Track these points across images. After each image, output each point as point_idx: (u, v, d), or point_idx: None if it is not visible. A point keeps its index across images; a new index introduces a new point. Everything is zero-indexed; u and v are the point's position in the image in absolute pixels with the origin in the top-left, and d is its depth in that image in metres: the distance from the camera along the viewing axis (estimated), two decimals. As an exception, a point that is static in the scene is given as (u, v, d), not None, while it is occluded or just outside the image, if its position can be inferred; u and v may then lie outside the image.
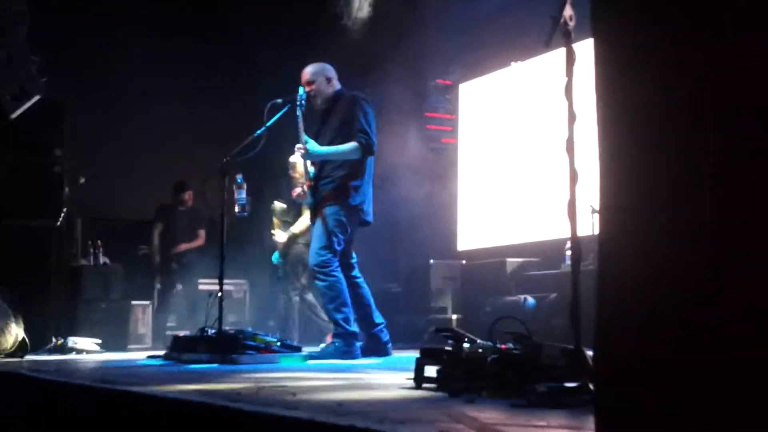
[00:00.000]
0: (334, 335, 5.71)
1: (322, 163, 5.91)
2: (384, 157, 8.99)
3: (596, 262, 1.73)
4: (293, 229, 8.01)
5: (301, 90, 5.91)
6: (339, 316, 5.67)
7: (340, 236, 5.79)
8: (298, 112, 5.83)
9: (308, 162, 5.92)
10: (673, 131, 1.54)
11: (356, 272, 5.99)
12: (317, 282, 5.81)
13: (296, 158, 7.32)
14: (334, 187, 5.83)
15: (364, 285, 5.97)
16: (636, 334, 1.57)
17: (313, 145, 5.78)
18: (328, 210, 5.80)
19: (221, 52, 10.61)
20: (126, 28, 9.88)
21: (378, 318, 5.91)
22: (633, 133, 1.62)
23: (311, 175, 5.92)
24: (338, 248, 5.79)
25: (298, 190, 6.27)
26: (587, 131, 2.24)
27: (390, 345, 5.91)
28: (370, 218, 5.97)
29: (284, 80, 7.36)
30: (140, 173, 10.41)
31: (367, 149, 5.78)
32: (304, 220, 7.59)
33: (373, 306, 5.94)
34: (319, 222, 5.82)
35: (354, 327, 5.72)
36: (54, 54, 8.33)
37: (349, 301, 5.76)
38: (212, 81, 10.80)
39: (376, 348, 5.82)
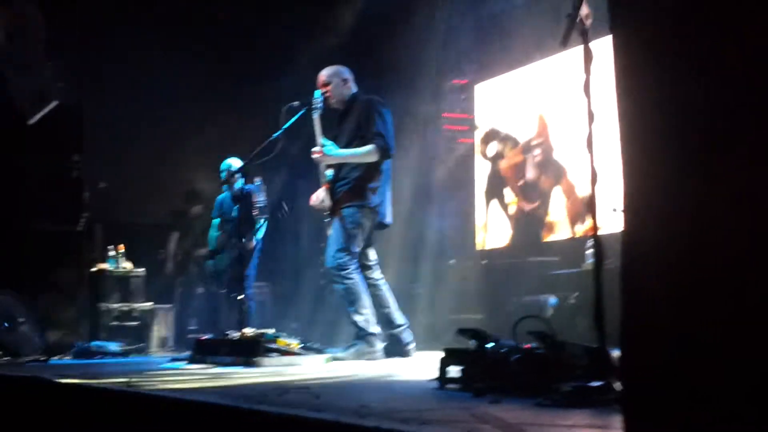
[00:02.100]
0: (356, 337, 5.69)
1: (339, 165, 5.90)
2: (401, 157, 9.00)
3: (618, 261, 1.72)
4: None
5: (317, 93, 5.90)
6: (359, 318, 5.65)
7: (358, 238, 5.79)
8: (315, 115, 5.83)
9: (324, 164, 5.91)
10: (695, 128, 1.53)
11: (376, 273, 5.98)
12: (335, 285, 5.79)
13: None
14: (351, 189, 5.82)
15: (385, 286, 5.95)
16: (661, 332, 1.56)
17: (330, 148, 5.78)
18: (346, 212, 5.78)
19: (242, 57, 10.61)
20: (145, 32, 9.92)
21: (399, 319, 5.89)
22: (655, 131, 1.62)
23: (328, 177, 5.92)
24: (355, 250, 5.78)
25: (316, 195, 6.25)
26: (606, 130, 2.24)
27: (412, 346, 5.89)
28: (388, 219, 5.96)
29: (302, 84, 7.39)
30: (160, 177, 10.45)
31: (384, 152, 5.77)
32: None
33: (395, 307, 5.92)
34: (336, 224, 5.80)
35: (375, 328, 5.71)
36: (72, 59, 8.40)
37: (368, 302, 5.75)
38: (232, 85, 10.81)
39: (397, 349, 5.80)
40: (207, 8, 10.41)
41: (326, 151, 5.75)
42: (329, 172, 5.92)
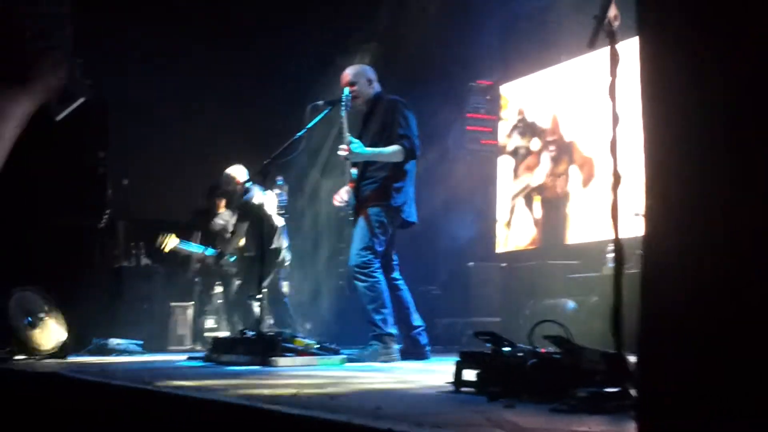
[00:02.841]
0: (373, 337, 5.68)
1: (364, 165, 5.90)
2: (423, 158, 9.00)
3: (638, 266, 1.70)
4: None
5: (346, 90, 5.90)
6: (378, 318, 5.65)
7: (381, 237, 5.79)
8: (343, 113, 5.82)
9: (349, 162, 5.91)
10: (721, 131, 1.51)
11: (396, 274, 5.98)
12: (357, 283, 5.78)
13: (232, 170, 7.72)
14: (376, 188, 5.83)
15: (404, 287, 5.95)
16: (680, 339, 1.54)
17: (358, 146, 5.77)
18: (371, 211, 5.79)
19: (265, 56, 10.64)
20: (172, 29, 9.96)
21: (417, 321, 5.89)
22: (680, 135, 1.60)
23: (353, 176, 5.93)
24: (379, 249, 5.78)
25: (339, 195, 6.25)
26: (631, 133, 2.21)
27: (428, 348, 5.88)
28: (413, 218, 5.97)
29: (326, 83, 7.40)
30: (183, 175, 10.50)
31: (410, 153, 5.78)
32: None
33: (413, 308, 5.92)
34: (361, 222, 5.81)
35: (393, 329, 5.70)
36: (98, 56, 8.44)
37: (388, 302, 5.74)
38: (256, 83, 10.84)
39: (414, 351, 5.79)
40: (234, 6, 10.45)
41: (353, 148, 5.74)
42: (354, 171, 5.93)
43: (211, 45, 10.31)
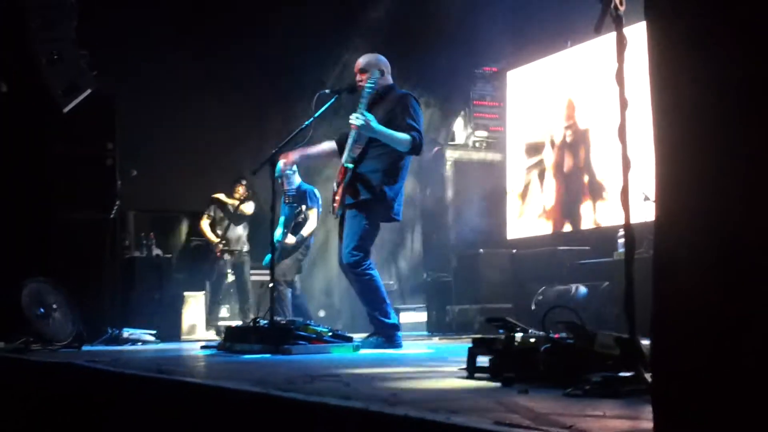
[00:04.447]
0: (375, 332, 5.70)
1: (360, 158, 5.79)
2: (432, 146, 8.99)
3: (650, 250, 1.70)
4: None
5: (376, 73, 5.84)
6: (377, 313, 5.67)
7: (373, 233, 5.79)
8: (368, 90, 5.76)
9: (352, 140, 5.84)
10: (732, 115, 1.51)
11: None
12: (353, 282, 5.81)
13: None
14: (368, 184, 5.75)
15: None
16: (694, 322, 1.55)
17: (372, 120, 5.65)
18: (361, 207, 5.75)
19: (273, 44, 10.63)
20: (176, 19, 9.97)
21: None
22: (690, 118, 1.59)
23: (351, 157, 5.84)
24: (370, 245, 5.78)
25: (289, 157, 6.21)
26: (639, 118, 2.21)
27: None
28: (399, 217, 5.95)
29: (333, 71, 7.40)
30: (191, 165, 10.52)
31: (416, 147, 5.70)
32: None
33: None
34: (352, 220, 5.76)
35: (394, 319, 5.73)
36: (103, 47, 8.46)
37: (385, 295, 5.78)
38: (265, 72, 10.83)
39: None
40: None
41: (368, 116, 5.66)
42: (350, 165, 5.80)
43: (219, 34, 10.30)
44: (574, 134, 8.43)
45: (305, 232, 8.08)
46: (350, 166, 5.80)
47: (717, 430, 1.45)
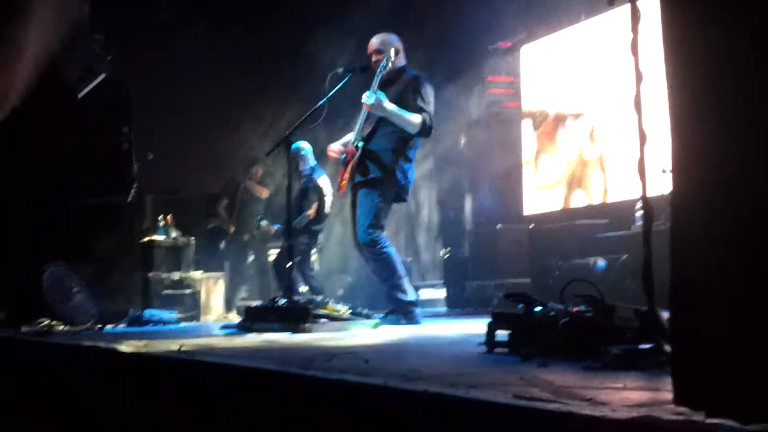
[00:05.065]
0: (394, 309, 5.71)
1: (370, 136, 5.78)
2: (446, 123, 8.96)
3: (667, 223, 1.70)
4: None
5: (390, 53, 5.79)
6: (396, 290, 5.68)
7: (386, 210, 5.80)
8: (380, 70, 5.72)
9: (362, 119, 5.81)
10: (747, 84, 1.49)
11: None
12: (370, 261, 5.82)
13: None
14: (380, 162, 5.74)
15: None
16: (712, 293, 1.55)
17: (384, 99, 5.65)
18: (374, 185, 5.74)
19: (287, 28, 10.58)
20: (190, 2, 9.95)
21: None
22: (704, 88, 1.58)
23: (361, 136, 5.79)
24: (383, 223, 5.79)
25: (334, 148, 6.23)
26: (655, 90, 2.20)
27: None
28: (407, 197, 5.98)
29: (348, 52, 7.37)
30: (207, 148, 10.53)
31: (426, 129, 5.69)
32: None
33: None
34: (364, 198, 5.76)
35: (412, 296, 5.74)
36: (117, 31, 8.47)
37: (403, 271, 5.78)
38: (280, 53, 10.80)
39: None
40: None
41: (380, 95, 5.66)
42: (360, 143, 5.79)
43: (233, 16, 10.28)
44: (589, 108, 8.38)
45: (298, 223, 8.09)
46: (360, 144, 5.80)
47: (736, 399, 1.46)
